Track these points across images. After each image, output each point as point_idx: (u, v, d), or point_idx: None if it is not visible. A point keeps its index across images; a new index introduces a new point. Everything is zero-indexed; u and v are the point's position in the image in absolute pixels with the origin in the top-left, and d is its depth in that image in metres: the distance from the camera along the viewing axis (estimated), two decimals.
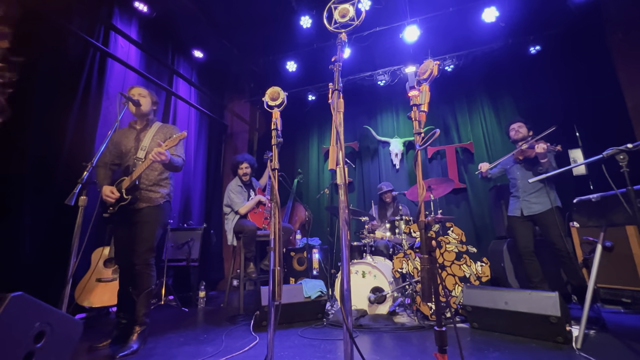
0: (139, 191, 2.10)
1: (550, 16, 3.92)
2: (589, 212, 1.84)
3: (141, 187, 2.12)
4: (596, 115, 3.70)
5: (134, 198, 2.06)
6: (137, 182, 2.08)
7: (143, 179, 2.15)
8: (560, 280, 2.96)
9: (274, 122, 1.44)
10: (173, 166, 2.15)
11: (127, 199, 2.03)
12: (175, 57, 4.44)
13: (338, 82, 1.12)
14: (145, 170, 2.09)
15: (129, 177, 2.07)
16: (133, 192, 2.06)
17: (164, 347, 1.99)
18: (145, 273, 2.05)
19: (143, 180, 2.15)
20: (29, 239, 2.47)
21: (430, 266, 0.86)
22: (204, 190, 4.82)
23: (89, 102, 3.05)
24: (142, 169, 2.04)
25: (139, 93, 2.25)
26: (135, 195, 2.07)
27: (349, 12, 1.29)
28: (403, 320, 2.49)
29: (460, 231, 2.69)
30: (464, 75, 4.55)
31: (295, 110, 5.20)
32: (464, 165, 4.50)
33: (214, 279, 4.60)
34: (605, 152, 1.58)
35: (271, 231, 1.26)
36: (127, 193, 2.05)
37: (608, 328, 2.09)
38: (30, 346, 0.99)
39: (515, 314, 2.00)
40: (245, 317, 2.70)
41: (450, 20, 3.98)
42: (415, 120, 1.05)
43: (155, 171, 2.21)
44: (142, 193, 2.12)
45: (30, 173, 2.53)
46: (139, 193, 2.10)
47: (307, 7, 3.99)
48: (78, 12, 3.02)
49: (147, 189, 2.15)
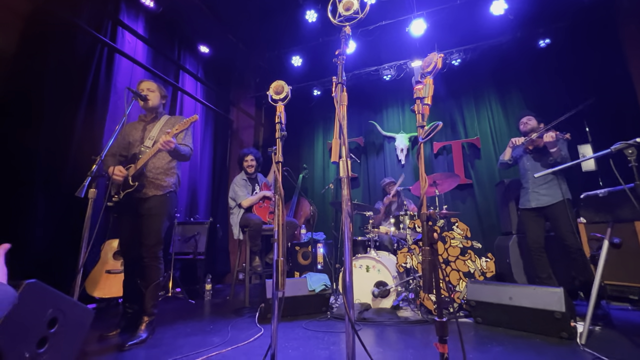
0: (145, 178, 2.11)
1: (560, 8, 3.84)
2: (596, 207, 1.82)
3: (148, 175, 2.14)
4: (607, 110, 3.62)
5: (140, 185, 2.07)
6: (144, 169, 2.10)
7: (150, 167, 2.16)
8: (568, 277, 2.93)
9: (277, 116, 1.45)
10: (180, 155, 2.16)
11: (134, 186, 2.04)
12: (181, 52, 4.47)
13: (341, 75, 1.13)
14: (152, 159, 2.11)
15: (135, 164, 2.08)
16: (139, 179, 2.07)
17: (171, 337, 2.04)
18: (154, 265, 2.08)
19: (150, 168, 2.16)
20: (41, 231, 2.54)
21: (431, 257, 0.87)
22: (210, 185, 4.87)
23: (97, 97, 3.10)
24: (148, 156, 2.05)
25: (148, 87, 2.27)
26: (142, 182, 2.08)
27: (354, 5, 1.28)
28: (407, 315, 2.50)
29: (465, 227, 2.69)
30: (472, 69, 4.49)
31: (301, 105, 5.20)
32: (470, 161, 4.46)
33: (220, 272, 4.67)
34: (614, 147, 1.56)
35: (275, 223, 1.28)
36: (133, 180, 2.05)
37: (614, 324, 2.08)
38: (44, 331, 1.03)
39: (520, 309, 2.00)
40: (251, 309, 2.75)
41: (458, 13, 3.92)
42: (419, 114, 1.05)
43: (163, 160, 2.23)
44: (149, 180, 2.14)
45: (41, 166, 2.59)
46: (146, 180, 2.11)
47: (312, 1, 3.96)
48: (86, 8, 3.05)
49: (155, 177, 2.17)
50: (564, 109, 3.79)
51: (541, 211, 2.68)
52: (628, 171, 1.59)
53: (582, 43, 3.93)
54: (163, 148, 1.99)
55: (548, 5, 3.83)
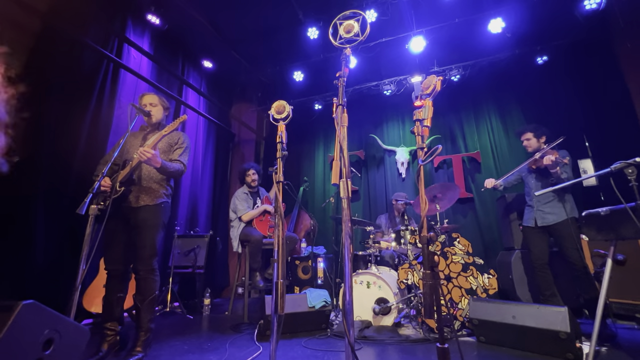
0: (135, 185, 2.07)
1: (557, 27, 3.93)
2: (598, 225, 1.80)
3: (143, 183, 2.10)
4: (606, 125, 3.66)
5: (127, 190, 2.01)
6: (132, 175, 2.05)
7: (145, 176, 2.12)
8: (571, 294, 2.88)
9: (279, 136, 1.47)
10: (167, 171, 2.09)
11: (120, 191, 1.98)
12: (185, 68, 4.55)
13: (342, 97, 1.14)
14: (147, 167, 2.09)
15: (124, 169, 2.04)
16: (127, 185, 2.02)
17: (168, 355, 2.00)
18: (150, 278, 2.01)
19: (145, 176, 2.12)
20: (41, 246, 2.52)
21: (432, 281, 0.86)
22: (210, 198, 4.87)
23: (102, 111, 3.14)
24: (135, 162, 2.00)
25: (150, 102, 2.27)
26: (129, 189, 2.04)
27: (354, 28, 1.32)
28: (408, 333, 2.45)
29: (466, 242, 2.67)
30: (471, 84, 4.55)
31: (302, 119, 5.25)
32: (471, 175, 4.46)
33: (218, 286, 4.62)
34: (614, 166, 1.56)
35: (275, 242, 1.28)
36: (120, 185, 1.99)
37: (621, 345, 2.03)
38: (39, 353, 1.01)
39: (523, 329, 1.96)
40: (249, 325, 2.70)
41: (457, 31, 4.01)
42: (418, 135, 1.06)
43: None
44: (142, 189, 2.09)
45: (43, 182, 2.60)
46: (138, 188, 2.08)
47: (314, 19, 4.06)
48: (94, 25, 3.14)
49: (148, 186, 2.12)
50: (563, 124, 3.85)
51: (545, 228, 2.67)
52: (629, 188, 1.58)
53: (579, 60, 4.00)
54: (140, 158, 1.92)
55: (545, 24, 3.92)
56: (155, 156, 1.96)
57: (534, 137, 2.81)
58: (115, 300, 2.04)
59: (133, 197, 2.08)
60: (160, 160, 2.00)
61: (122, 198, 2.03)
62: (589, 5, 3.55)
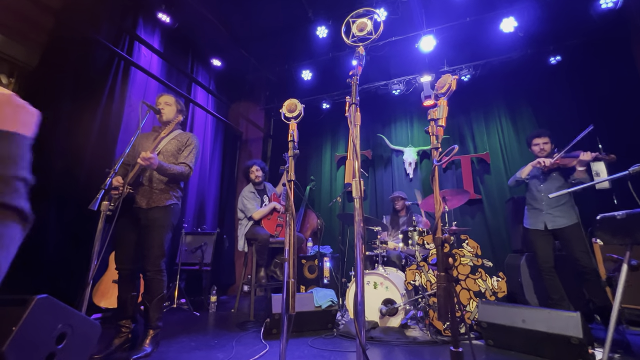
0: (145, 187, 2.11)
1: (571, 26, 3.84)
2: (614, 229, 1.76)
3: (153, 185, 2.13)
4: (620, 127, 3.57)
5: (135, 192, 2.06)
6: (140, 178, 2.08)
7: (155, 177, 2.14)
8: (581, 299, 2.83)
9: (290, 134, 1.46)
10: (168, 173, 2.09)
11: (127, 191, 2.00)
12: (194, 66, 4.58)
13: (355, 96, 1.13)
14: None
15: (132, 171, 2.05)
16: (135, 186, 2.06)
17: (175, 352, 2.02)
18: (157, 279, 2.05)
19: (155, 178, 2.14)
20: (54, 242, 2.56)
21: (447, 284, 0.85)
22: (218, 196, 4.90)
23: (112, 109, 3.17)
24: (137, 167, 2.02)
25: (165, 102, 2.30)
26: (138, 190, 2.08)
27: (367, 26, 1.30)
28: (415, 334, 2.43)
29: (475, 244, 2.63)
30: (481, 84, 4.49)
31: (310, 118, 5.19)
32: (480, 176, 4.40)
33: (225, 283, 4.64)
34: (632, 169, 1.52)
35: (286, 242, 1.27)
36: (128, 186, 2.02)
37: (634, 352, 1.98)
38: (52, 347, 1.03)
39: (534, 333, 1.93)
40: (255, 323, 2.71)
41: (467, 30, 3.95)
42: (433, 135, 1.04)
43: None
44: (152, 191, 2.12)
45: (55, 179, 2.63)
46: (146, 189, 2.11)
47: (323, 17, 4.05)
48: (105, 23, 3.17)
49: (158, 187, 2.14)
50: (575, 125, 3.77)
51: (552, 232, 2.62)
52: None
53: (594, 60, 3.91)
54: (142, 164, 1.94)
55: (558, 23, 3.84)
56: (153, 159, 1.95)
57: (550, 143, 2.79)
58: (128, 299, 2.08)
59: (144, 198, 2.11)
60: (157, 163, 1.98)
61: (132, 199, 2.06)
62: (605, 4, 3.47)
